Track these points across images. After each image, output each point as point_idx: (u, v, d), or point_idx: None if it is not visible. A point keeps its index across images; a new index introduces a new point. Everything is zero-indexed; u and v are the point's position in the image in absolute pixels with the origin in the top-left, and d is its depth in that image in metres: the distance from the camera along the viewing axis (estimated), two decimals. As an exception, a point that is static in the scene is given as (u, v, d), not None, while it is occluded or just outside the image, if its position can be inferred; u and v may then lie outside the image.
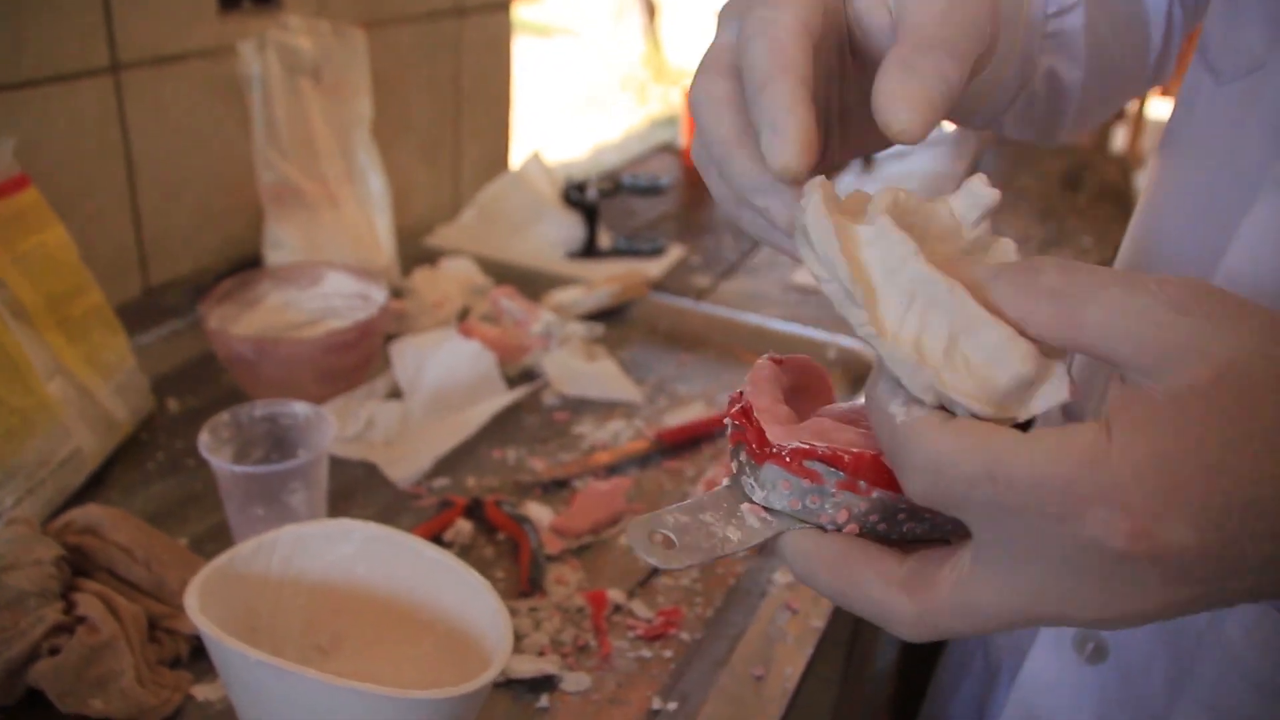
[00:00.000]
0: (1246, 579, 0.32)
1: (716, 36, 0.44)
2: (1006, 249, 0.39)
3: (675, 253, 1.54)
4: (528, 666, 0.70)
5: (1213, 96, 0.60)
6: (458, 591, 0.67)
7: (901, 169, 2.16)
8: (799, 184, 0.38)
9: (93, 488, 0.89)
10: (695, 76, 0.43)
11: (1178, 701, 0.58)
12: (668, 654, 0.74)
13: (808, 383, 0.45)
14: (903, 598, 0.36)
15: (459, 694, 0.57)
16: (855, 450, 0.37)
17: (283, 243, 1.16)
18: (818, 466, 0.38)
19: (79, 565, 0.72)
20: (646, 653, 0.74)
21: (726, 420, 0.42)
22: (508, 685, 0.70)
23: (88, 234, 0.97)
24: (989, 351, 0.34)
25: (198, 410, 1.00)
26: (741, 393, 0.42)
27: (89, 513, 0.75)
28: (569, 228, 1.51)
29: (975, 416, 0.34)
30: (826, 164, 0.47)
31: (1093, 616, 0.33)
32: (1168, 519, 0.30)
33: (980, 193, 0.38)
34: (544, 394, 1.07)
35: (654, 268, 1.47)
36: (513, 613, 0.76)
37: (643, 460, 0.97)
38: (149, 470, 0.92)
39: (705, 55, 0.43)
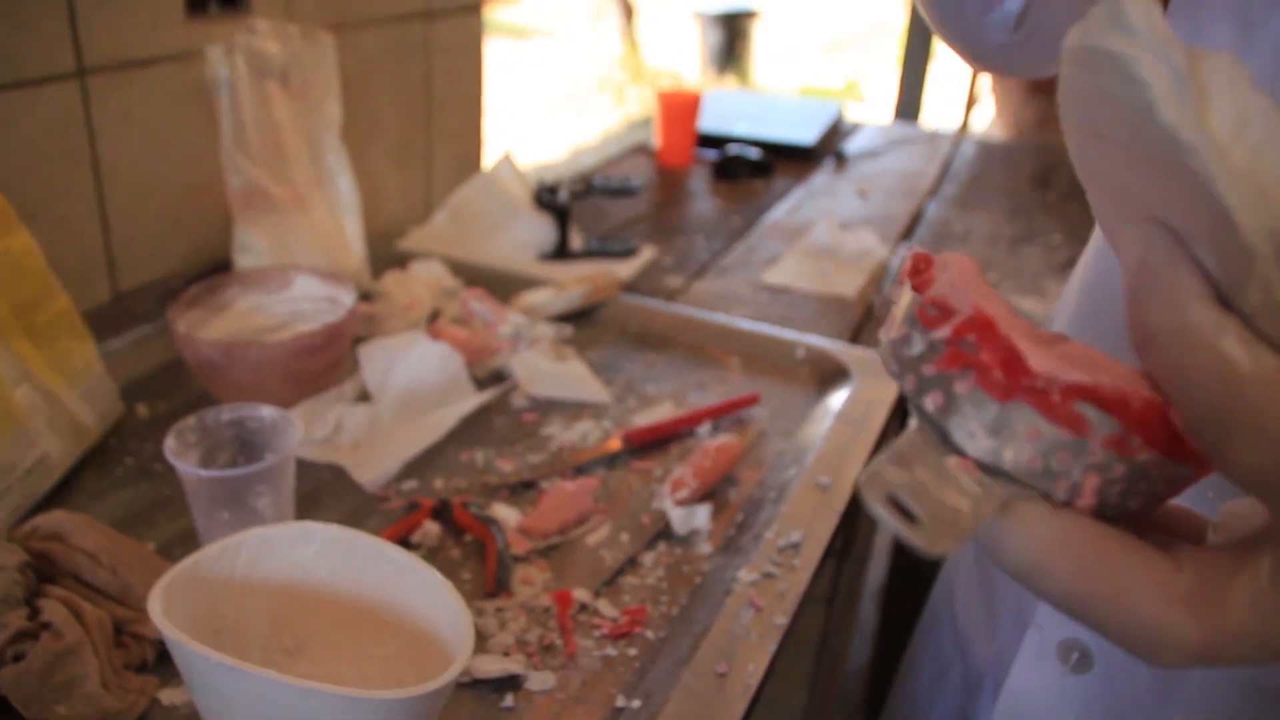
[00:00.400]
0: None
1: None
2: None
3: (647, 253, 1.55)
4: (493, 666, 0.71)
5: None
6: (421, 592, 0.68)
7: (874, 167, 2.17)
8: None
9: (60, 494, 0.89)
10: None
11: (1165, 708, 0.58)
12: (633, 652, 0.74)
13: (969, 280, 0.33)
14: (1187, 620, 0.29)
15: (420, 694, 0.57)
16: (1145, 396, 0.29)
17: (252, 247, 1.16)
18: (1090, 412, 0.29)
19: (44, 571, 0.72)
20: (612, 651, 0.74)
21: (935, 336, 0.31)
22: (473, 685, 0.71)
23: (55, 240, 0.97)
24: None
25: (167, 415, 1.00)
26: (930, 294, 0.31)
27: (54, 519, 0.75)
28: (541, 229, 1.52)
29: None
30: None
31: None
32: None
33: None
34: (513, 396, 1.07)
35: (626, 269, 1.47)
36: (479, 613, 0.76)
37: (611, 461, 0.97)
38: (117, 476, 0.92)
39: None
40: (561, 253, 1.50)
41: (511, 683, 0.71)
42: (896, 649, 1.07)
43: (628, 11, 8.00)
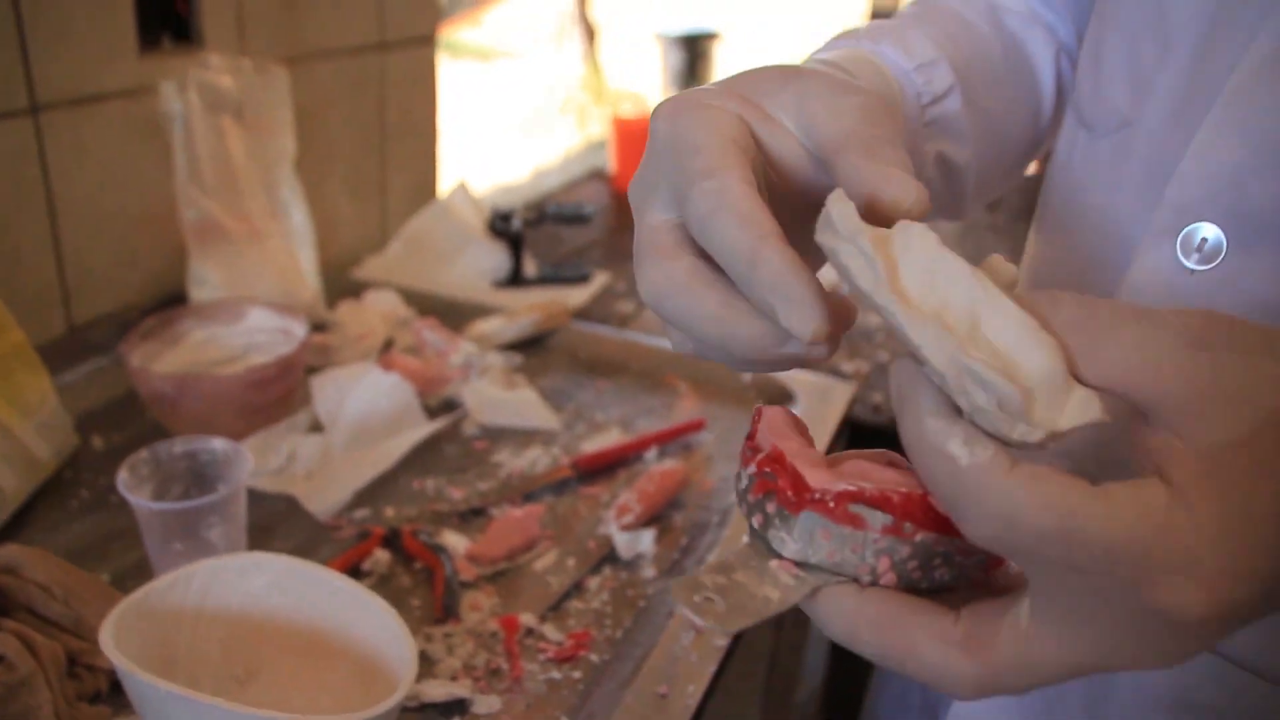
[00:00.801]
0: None
1: (643, 218, 0.43)
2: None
3: (600, 279, 1.58)
4: (440, 691, 0.73)
5: (1087, 151, 0.64)
6: (367, 620, 0.70)
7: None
8: (825, 343, 0.37)
9: (15, 526, 0.90)
10: (643, 266, 0.41)
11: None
12: (577, 675, 0.76)
13: (794, 433, 0.42)
14: (963, 660, 0.35)
15: (364, 718, 0.59)
16: (902, 492, 0.36)
17: (207, 279, 1.18)
18: (863, 510, 0.36)
19: (-2, 604, 0.74)
20: (556, 674, 0.76)
21: (748, 472, 0.39)
22: (420, 710, 0.73)
23: (9, 274, 0.98)
24: (1014, 337, 0.33)
25: (122, 447, 1.01)
26: (754, 439, 0.40)
27: (7, 552, 0.76)
28: (495, 257, 1.54)
29: (1005, 405, 0.32)
30: None
31: (1149, 667, 0.34)
32: (1239, 580, 0.31)
33: (1000, 266, 0.37)
34: (464, 424, 1.09)
35: (579, 295, 1.50)
36: (427, 639, 0.78)
37: (559, 487, 1.00)
38: (72, 508, 0.93)
39: (642, 241, 0.42)
40: (515, 280, 1.53)
41: (458, 706, 0.73)
42: (852, 666, 1.09)
43: (590, 33, 8.04)
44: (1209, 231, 0.51)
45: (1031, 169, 0.84)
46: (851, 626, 0.37)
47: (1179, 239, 0.52)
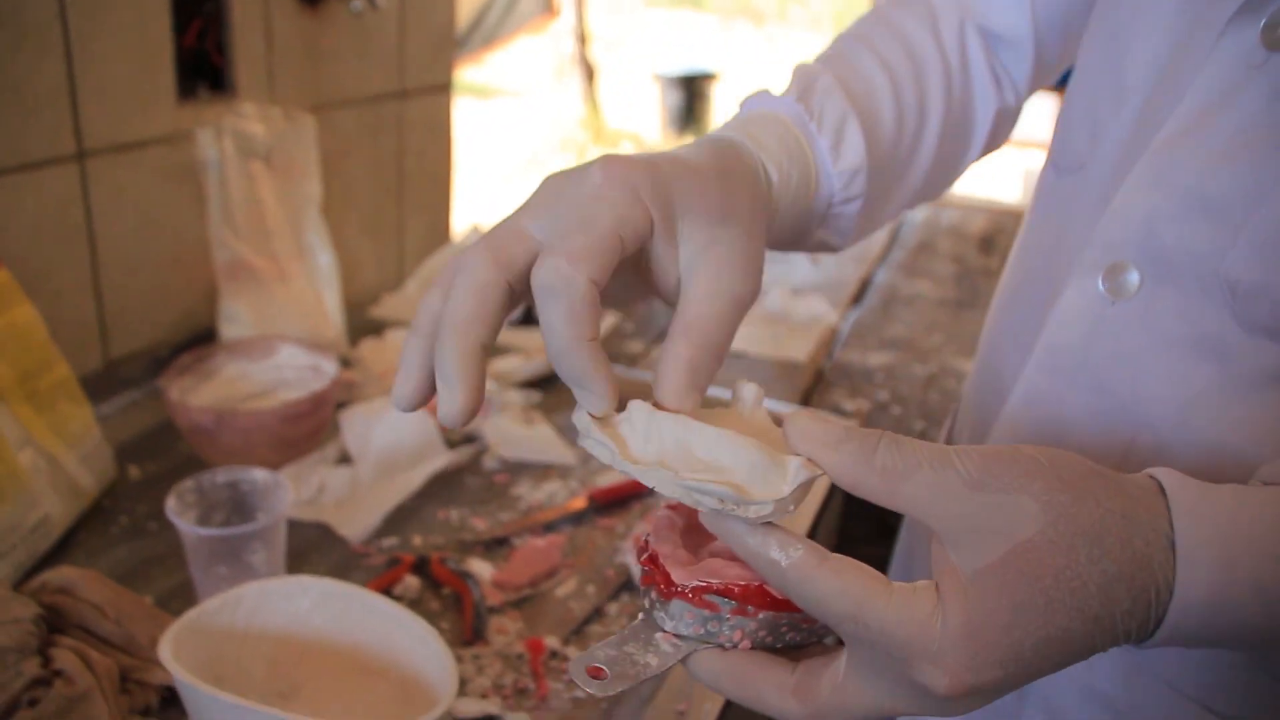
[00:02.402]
0: (1044, 675, 0.42)
1: (518, 215, 0.48)
2: (789, 428, 0.47)
3: (609, 320, 1.63)
4: (472, 708, 0.77)
5: (1052, 188, 0.70)
6: (407, 640, 0.75)
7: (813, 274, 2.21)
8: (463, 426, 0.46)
9: (60, 552, 0.94)
10: (474, 249, 0.47)
11: (1023, 707, 0.67)
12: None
13: (699, 523, 0.51)
14: (794, 703, 0.45)
15: (410, 729, 0.64)
16: (743, 583, 0.45)
17: (237, 317, 1.23)
18: (714, 599, 0.45)
19: (54, 623, 0.78)
20: (579, 693, 0.81)
21: (637, 565, 0.50)
22: (453, 725, 0.77)
23: (52, 310, 1.03)
24: (720, 452, 0.43)
25: (158, 477, 1.06)
26: (647, 540, 0.49)
27: (62, 574, 0.81)
28: (508, 297, 1.59)
29: (726, 501, 0.42)
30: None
31: (932, 715, 0.43)
32: (976, 671, 0.40)
33: (746, 392, 0.49)
34: (485, 458, 1.14)
35: (589, 335, 1.55)
36: (457, 660, 0.83)
37: (577, 518, 1.05)
38: (113, 534, 0.98)
39: (495, 230, 0.47)
40: (527, 319, 1.58)
41: (489, 722, 0.78)
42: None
43: (589, 72, 8.16)
44: (1127, 269, 0.58)
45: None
46: (716, 680, 0.46)
47: (1102, 274, 0.59)
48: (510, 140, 7.32)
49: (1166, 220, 0.55)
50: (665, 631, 0.47)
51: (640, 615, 0.49)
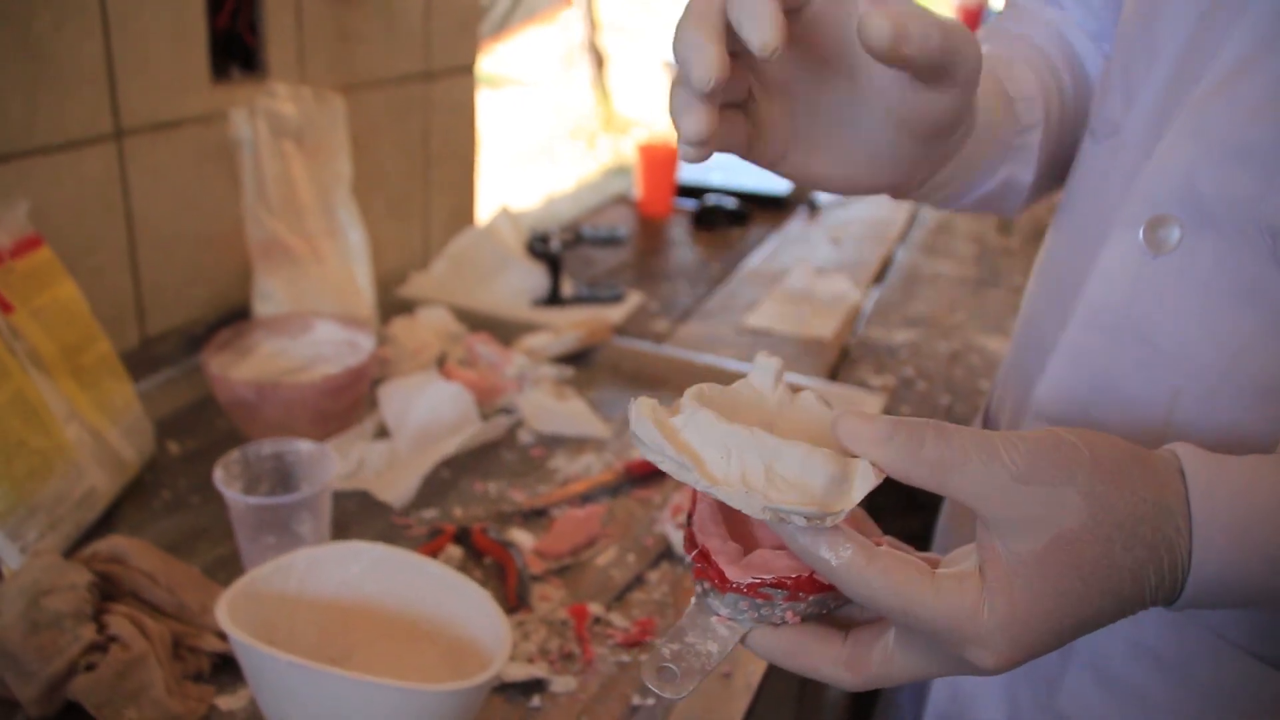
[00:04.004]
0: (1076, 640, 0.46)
1: None
2: (808, 401, 0.50)
3: (634, 299, 1.64)
4: (519, 671, 0.79)
5: (1091, 154, 0.72)
6: (459, 603, 0.76)
7: (845, 215, 2.28)
8: (777, 56, 0.45)
9: (105, 524, 0.96)
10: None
11: (1068, 667, 0.68)
12: (644, 658, 0.82)
13: None
14: (847, 674, 0.48)
15: (467, 687, 0.65)
16: (795, 575, 0.47)
17: (271, 294, 1.24)
18: (769, 590, 0.47)
19: (107, 590, 0.80)
20: (625, 657, 0.82)
21: (688, 559, 0.51)
22: (502, 689, 0.78)
23: (92, 288, 1.04)
24: (798, 467, 0.44)
25: (196, 452, 1.08)
26: (692, 533, 0.50)
27: (114, 543, 0.82)
28: (533, 277, 1.60)
29: (811, 518, 0.43)
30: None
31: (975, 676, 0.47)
32: (1020, 651, 0.43)
33: (767, 364, 0.51)
34: (520, 432, 1.16)
35: (615, 314, 1.56)
36: (503, 626, 0.84)
37: (613, 490, 1.06)
38: (155, 507, 0.99)
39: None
40: (554, 299, 1.59)
41: (537, 686, 0.79)
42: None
43: (599, 61, 8.14)
44: (1168, 222, 0.59)
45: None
46: (772, 654, 0.49)
47: (1142, 228, 0.60)
48: (521, 129, 7.32)
49: (1206, 171, 0.57)
50: (720, 615, 0.50)
51: (694, 600, 0.51)
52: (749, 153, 0.56)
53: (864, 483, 0.44)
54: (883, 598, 0.43)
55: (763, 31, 0.44)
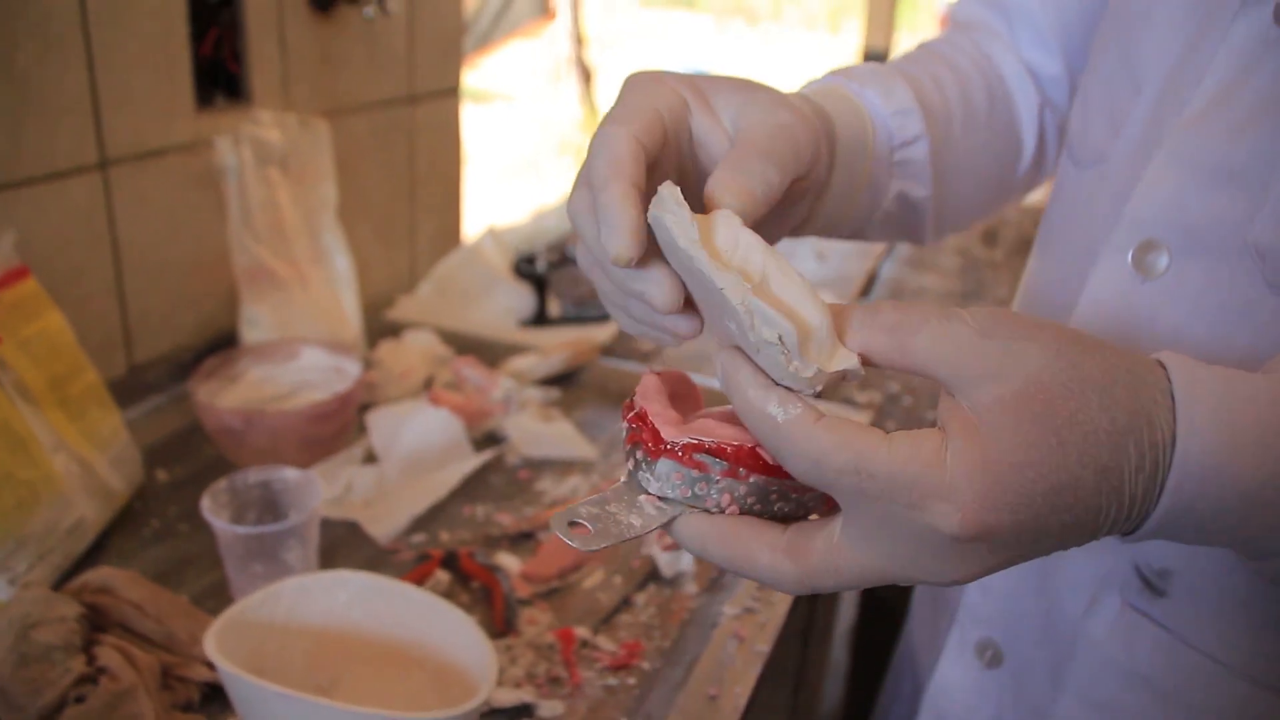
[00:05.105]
0: (1051, 542, 0.42)
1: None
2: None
3: (614, 327, 1.64)
4: (507, 696, 0.79)
5: (1075, 181, 0.73)
6: (445, 630, 0.76)
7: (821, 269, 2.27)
8: (631, 266, 0.46)
9: (94, 554, 0.96)
10: (570, 190, 0.51)
11: (1060, 696, 0.69)
12: (631, 681, 0.83)
13: (683, 391, 0.52)
14: (786, 562, 0.44)
15: (455, 714, 0.66)
16: (734, 444, 0.44)
17: (258, 321, 1.25)
18: (705, 458, 0.45)
19: (96, 621, 0.80)
20: (613, 681, 0.83)
21: (623, 424, 0.48)
22: (490, 714, 0.79)
23: (78, 317, 1.04)
24: (795, 295, 0.43)
25: (185, 479, 1.08)
26: (633, 401, 0.48)
27: (102, 574, 0.83)
28: (520, 297, 1.61)
29: (786, 344, 0.41)
30: None
31: (933, 579, 0.43)
32: (990, 510, 0.39)
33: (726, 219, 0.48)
34: (507, 455, 1.16)
35: (601, 333, 1.57)
36: (491, 651, 0.85)
37: (600, 512, 1.06)
38: (144, 536, 0.99)
39: (577, 173, 0.51)
40: (540, 319, 1.60)
41: (524, 711, 0.79)
42: (867, 691, 1.16)
43: (586, 75, 8.18)
44: (1156, 247, 0.60)
45: (1040, 195, 0.93)
46: (702, 542, 0.46)
47: (1131, 253, 0.61)
48: (508, 144, 7.34)
49: (1193, 195, 0.58)
50: (649, 494, 0.47)
51: (623, 478, 0.48)
52: None
53: (846, 359, 0.42)
54: (833, 455, 0.40)
55: (615, 244, 0.46)
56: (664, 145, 0.50)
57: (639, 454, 0.47)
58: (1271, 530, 0.42)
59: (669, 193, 0.44)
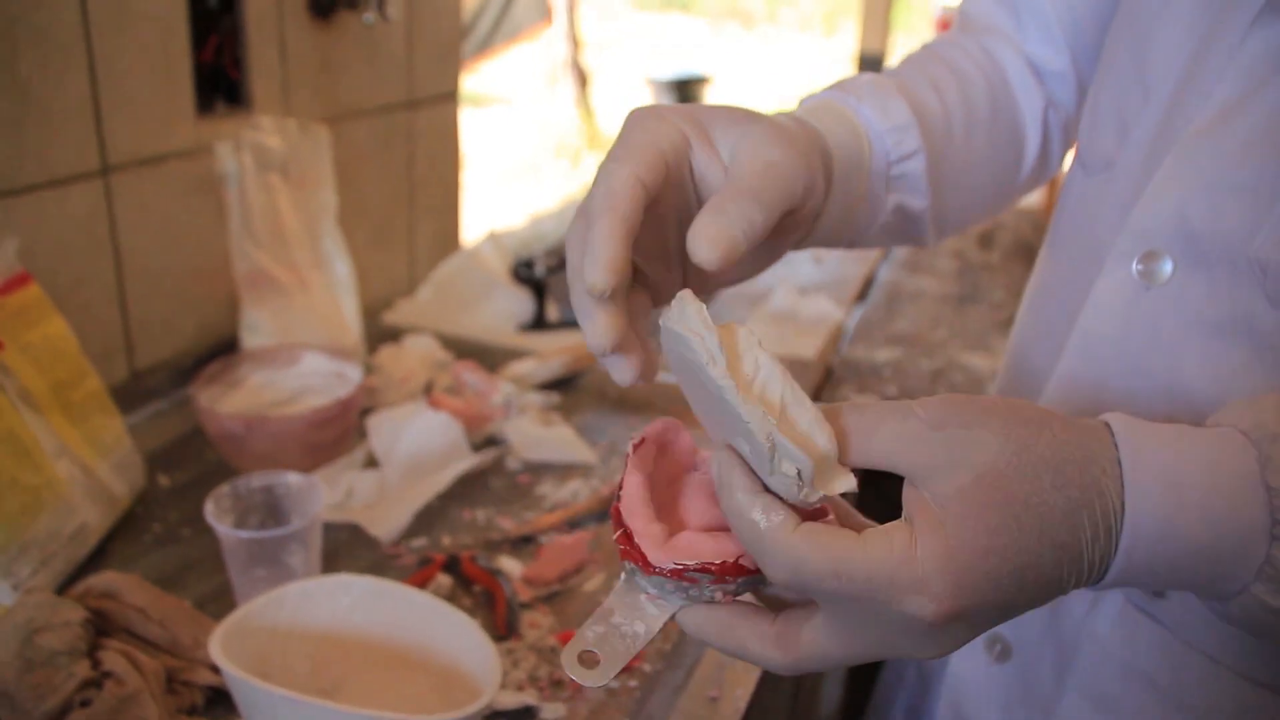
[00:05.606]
0: (1018, 610, 0.45)
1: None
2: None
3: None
4: (510, 699, 0.80)
5: (1082, 187, 0.74)
6: (448, 633, 0.77)
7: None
8: (604, 299, 0.48)
9: (97, 559, 0.96)
10: (573, 220, 0.52)
11: (1063, 690, 0.70)
12: (633, 684, 0.83)
13: (668, 440, 0.54)
14: (776, 653, 0.47)
15: (458, 717, 0.66)
16: (719, 562, 0.47)
17: (258, 326, 1.26)
18: (694, 575, 0.47)
19: (100, 626, 0.80)
20: (614, 683, 0.83)
21: (614, 539, 0.51)
22: (493, 717, 0.79)
23: (80, 323, 1.05)
24: (809, 422, 0.44)
25: (186, 485, 1.09)
26: (618, 506, 0.50)
27: (106, 579, 0.83)
28: (519, 301, 1.62)
29: (802, 475, 0.43)
30: (663, 296, 0.58)
31: (913, 656, 0.45)
32: (960, 597, 0.42)
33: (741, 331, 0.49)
34: (507, 459, 1.17)
35: (600, 337, 1.57)
36: (493, 654, 0.85)
37: (600, 515, 1.07)
38: (147, 541, 1.00)
39: (580, 204, 0.53)
40: (539, 323, 1.60)
41: (527, 714, 0.80)
42: (865, 696, 1.16)
43: (582, 78, 8.18)
44: (1160, 256, 0.61)
45: (1038, 199, 0.93)
46: (701, 632, 0.49)
47: (1135, 261, 0.62)
48: (506, 147, 7.34)
49: (1197, 207, 0.58)
50: (648, 594, 0.50)
51: (622, 578, 0.51)
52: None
53: (846, 482, 0.45)
54: (811, 562, 0.42)
55: (592, 274, 0.47)
56: (666, 182, 0.52)
57: (631, 565, 0.50)
58: (1223, 578, 0.45)
59: (694, 311, 0.45)
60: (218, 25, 1.24)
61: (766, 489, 0.45)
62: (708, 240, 0.48)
